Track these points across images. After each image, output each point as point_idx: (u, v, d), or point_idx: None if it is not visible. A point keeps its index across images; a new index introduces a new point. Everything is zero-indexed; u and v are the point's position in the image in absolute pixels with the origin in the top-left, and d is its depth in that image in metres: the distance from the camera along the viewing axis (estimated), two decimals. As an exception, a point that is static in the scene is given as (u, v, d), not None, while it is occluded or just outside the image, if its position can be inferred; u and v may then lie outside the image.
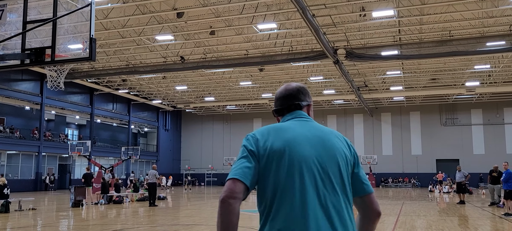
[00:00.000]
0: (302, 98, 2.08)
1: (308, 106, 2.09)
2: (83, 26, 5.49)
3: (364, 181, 1.93)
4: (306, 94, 2.10)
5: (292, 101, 2.07)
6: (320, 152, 1.85)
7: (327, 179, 1.81)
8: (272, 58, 28.19)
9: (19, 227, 11.84)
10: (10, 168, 34.43)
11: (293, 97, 2.07)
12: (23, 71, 33.38)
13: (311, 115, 2.08)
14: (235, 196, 1.75)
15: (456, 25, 23.79)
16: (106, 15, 23.09)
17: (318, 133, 1.93)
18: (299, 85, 2.13)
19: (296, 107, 2.06)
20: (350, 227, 1.80)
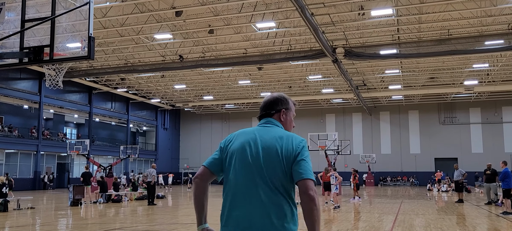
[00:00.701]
0: (274, 107, 2.56)
1: (280, 112, 2.56)
2: (81, 25, 5.48)
3: (300, 169, 2.27)
4: (280, 103, 2.57)
5: (264, 111, 2.57)
6: (262, 154, 2.33)
7: (261, 175, 2.29)
8: (270, 57, 28.18)
9: (18, 226, 11.83)
10: (9, 167, 34.36)
11: (267, 107, 2.57)
12: (22, 70, 33.32)
13: (286, 118, 2.56)
14: (200, 177, 2.51)
15: (454, 24, 23.80)
16: (104, 14, 23.05)
17: (267, 137, 2.39)
18: (275, 96, 2.61)
19: (266, 115, 2.55)
20: (281, 210, 2.25)
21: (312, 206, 2.18)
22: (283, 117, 2.56)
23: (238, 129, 19.60)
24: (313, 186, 2.24)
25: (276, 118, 2.55)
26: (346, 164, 43.13)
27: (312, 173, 2.28)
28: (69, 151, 31.30)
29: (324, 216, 14.35)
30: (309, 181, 2.23)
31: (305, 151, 2.33)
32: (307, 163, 2.28)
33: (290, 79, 36.90)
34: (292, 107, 2.64)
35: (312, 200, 2.18)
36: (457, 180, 20.80)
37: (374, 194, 28.43)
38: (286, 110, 2.58)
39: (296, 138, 2.38)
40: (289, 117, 2.59)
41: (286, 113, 2.58)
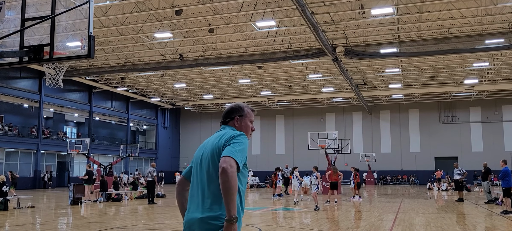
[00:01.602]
0: (229, 115, 2.94)
1: (234, 119, 2.92)
2: (81, 24, 5.48)
3: (223, 152, 2.60)
4: (234, 111, 2.94)
5: (222, 120, 2.97)
6: (205, 151, 2.78)
7: (204, 168, 2.73)
8: (271, 56, 28.18)
9: (18, 225, 11.83)
10: (9, 166, 34.38)
11: (223, 116, 2.96)
12: (22, 68, 33.31)
13: (240, 124, 2.92)
14: (178, 184, 3.10)
15: (455, 23, 23.79)
16: (104, 13, 23.04)
17: (212, 138, 2.81)
18: (230, 106, 2.98)
19: (223, 123, 2.94)
20: (217, 197, 2.60)
21: (223, 177, 2.44)
22: (237, 123, 2.92)
23: (238, 127, 18.97)
24: (229, 160, 2.49)
25: (231, 124, 2.91)
26: (346, 162, 43.13)
27: (234, 153, 2.54)
28: (69, 150, 31.29)
29: (325, 215, 14.36)
30: (226, 157, 2.51)
31: (236, 140, 2.65)
32: (232, 147, 2.58)
33: (290, 78, 36.89)
34: (248, 114, 2.97)
35: (223, 171, 2.45)
36: (457, 179, 20.80)
37: (374, 193, 28.44)
38: (240, 117, 2.93)
39: (234, 132, 2.75)
40: (244, 123, 2.93)
41: (240, 120, 2.93)
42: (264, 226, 11.20)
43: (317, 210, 15.58)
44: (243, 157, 2.62)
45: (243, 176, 2.73)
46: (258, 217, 13.67)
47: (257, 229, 10.52)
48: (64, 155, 38.85)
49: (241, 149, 2.61)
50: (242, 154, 2.61)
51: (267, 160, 48.11)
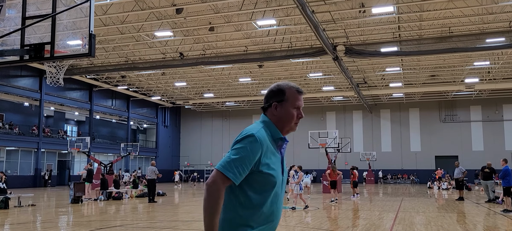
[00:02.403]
0: (267, 101, 2.32)
1: (272, 106, 2.29)
2: (82, 22, 5.48)
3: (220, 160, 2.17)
4: (272, 96, 2.30)
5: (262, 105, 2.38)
6: None
7: None
8: (271, 55, 28.17)
9: (18, 223, 11.85)
10: (9, 164, 34.42)
11: (264, 101, 2.35)
12: (22, 67, 33.31)
13: (280, 112, 2.27)
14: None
15: (455, 22, 23.77)
16: (105, 11, 23.03)
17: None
18: (269, 88, 2.35)
19: (263, 110, 2.35)
20: (224, 206, 2.15)
21: (204, 195, 2.07)
22: (276, 111, 2.26)
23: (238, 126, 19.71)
24: (216, 175, 2.06)
25: (268, 113, 2.29)
26: (347, 161, 43.13)
27: (223, 164, 2.07)
28: (70, 149, 31.34)
29: (325, 213, 14.37)
30: (215, 171, 2.09)
31: (236, 144, 2.13)
32: (229, 154, 2.12)
33: (291, 77, 36.87)
34: (291, 97, 2.27)
35: (205, 188, 2.06)
36: (457, 178, 20.80)
37: (374, 192, 28.45)
38: (279, 103, 2.26)
39: (243, 133, 2.18)
40: (283, 110, 2.26)
41: (280, 107, 2.26)
42: (264, 225, 11.19)
43: (293, 210, 15.41)
44: (237, 168, 2.05)
45: (244, 196, 2.12)
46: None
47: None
48: (65, 154, 38.88)
49: (239, 158, 2.06)
50: (236, 164, 2.05)
51: (268, 158, 48.05)
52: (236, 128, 51.98)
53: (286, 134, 2.30)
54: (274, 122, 2.26)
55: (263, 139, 2.13)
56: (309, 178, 22.96)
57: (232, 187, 2.14)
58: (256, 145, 2.09)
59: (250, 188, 2.13)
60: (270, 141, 2.19)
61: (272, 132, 2.24)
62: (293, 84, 2.31)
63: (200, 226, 11.00)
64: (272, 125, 2.25)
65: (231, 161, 2.07)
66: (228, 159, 2.08)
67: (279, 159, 2.24)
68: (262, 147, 2.11)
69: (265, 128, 2.22)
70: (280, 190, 2.24)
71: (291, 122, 2.28)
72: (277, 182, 2.18)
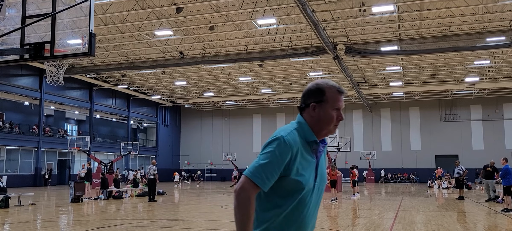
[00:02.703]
0: (304, 101, 2.18)
1: (310, 107, 2.14)
2: (82, 21, 5.48)
3: (249, 166, 2.06)
4: (310, 95, 2.16)
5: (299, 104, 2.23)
6: None
7: None
8: (271, 54, 28.16)
9: (19, 222, 11.85)
10: (10, 164, 34.43)
11: (301, 101, 2.21)
12: (22, 66, 33.31)
13: (318, 114, 2.12)
14: None
15: (456, 21, 23.75)
16: (105, 10, 23.02)
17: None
18: (307, 87, 2.20)
19: (300, 110, 2.21)
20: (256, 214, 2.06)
21: (234, 203, 1.97)
22: (314, 113, 2.12)
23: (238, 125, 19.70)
24: (244, 181, 1.97)
25: (305, 114, 2.15)
26: (347, 160, 43.13)
27: (252, 170, 1.98)
28: (70, 148, 31.34)
29: (325, 213, 14.37)
30: (243, 177, 2.00)
31: (268, 145, 2.02)
32: (257, 159, 2.02)
33: (291, 76, 36.87)
34: (331, 98, 2.11)
35: (234, 196, 1.97)
36: (457, 177, 20.80)
37: (374, 191, 28.45)
38: (318, 104, 2.11)
39: (276, 131, 2.08)
40: (322, 111, 2.10)
41: (319, 108, 2.11)
42: (264, 224, 11.20)
43: None
44: (266, 173, 1.95)
45: (267, 200, 2.03)
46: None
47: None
48: (65, 153, 38.89)
49: (267, 162, 1.97)
50: (264, 170, 1.96)
51: (268, 157, 48.06)
52: (236, 127, 51.98)
53: (323, 136, 2.15)
54: (311, 124, 2.12)
55: (293, 142, 2.00)
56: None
57: (259, 193, 2.04)
58: (285, 149, 1.98)
59: (275, 194, 2.03)
60: (302, 144, 2.05)
61: (306, 134, 2.09)
62: (333, 83, 2.16)
63: (200, 225, 11.01)
64: (307, 126, 2.11)
65: (259, 166, 1.98)
66: (257, 164, 1.99)
67: (312, 164, 2.09)
68: (292, 151, 1.99)
69: (298, 129, 2.09)
70: (310, 198, 2.07)
71: (330, 124, 2.12)
72: (306, 189, 2.03)
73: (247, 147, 50.84)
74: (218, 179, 50.09)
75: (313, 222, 2.14)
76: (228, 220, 12.09)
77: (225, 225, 11.17)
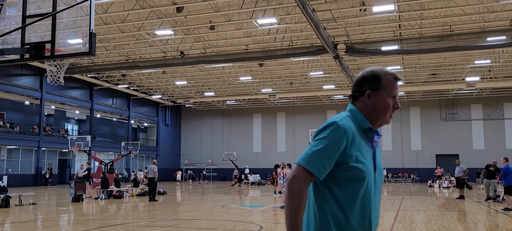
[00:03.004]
0: (357, 89, 2.05)
1: (365, 95, 2.02)
2: (82, 21, 5.48)
3: (301, 154, 1.94)
4: (365, 82, 2.03)
5: (351, 93, 2.11)
6: None
7: None
8: (272, 53, 28.15)
9: (19, 222, 11.86)
10: (10, 163, 34.45)
11: (353, 90, 2.08)
12: (23, 66, 33.32)
13: (373, 102, 2.00)
14: None
15: (456, 20, 23.74)
16: (105, 10, 23.03)
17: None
18: (361, 74, 2.07)
19: (352, 99, 2.08)
20: (309, 207, 1.96)
21: (285, 192, 1.88)
22: (370, 101, 2.00)
23: (239, 125, 19.63)
24: (296, 170, 1.86)
25: (359, 103, 2.03)
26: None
27: (304, 157, 1.87)
28: (71, 147, 31.31)
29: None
30: (295, 166, 1.89)
31: (321, 132, 1.89)
32: (310, 147, 1.89)
33: (291, 76, 36.86)
34: (387, 85, 2.00)
35: (286, 186, 1.87)
36: (458, 177, 20.79)
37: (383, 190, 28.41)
38: (374, 91, 2.00)
39: (326, 123, 1.93)
40: (378, 99, 1.99)
41: (374, 96, 2.00)
42: (265, 223, 11.21)
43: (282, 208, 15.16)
44: (320, 159, 1.84)
45: (329, 193, 1.90)
46: (259, 214, 13.69)
47: (258, 226, 10.54)
48: (66, 152, 38.91)
49: (321, 148, 1.85)
50: (318, 156, 1.84)
51: (268, 157, 48.14)
52: (237, 126, 51.98)
53: (378, 126, 2.04)
54: (365, 113, 2.00)
55: (348, 128, 1.89)
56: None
57: (316, 183, 1.93)
58: (340, 133, 1.86)
59: (335, 184, 1.89)
60: (357, 131, 1.93)
61: (359, 121, 1.98)
62: (389, 70, 2.05)
63: (201, 225, 11.01)
64: (359, 113, 1.99)
65: (312, 153, 1.85)
66: (309, 151, 1.86)
67: (370, 152, 1.96)
68: (348, 136, 1.87)
69: (351, 116, 1.98)
70: (373, 190, 1.93)
71: (386, 113, 2.02)
72: (367, 178, 1.89)
73: (247, 146, 50.85)
74: (219, 179, 50.10)
75: (377, 218, 1.97)
76: (228, 220, 12.10)
77: (225, 224, 11.17)
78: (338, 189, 1.88)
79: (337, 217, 1.87)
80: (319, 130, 1.91)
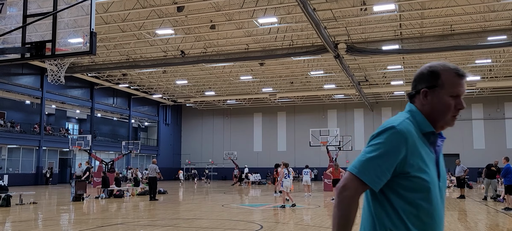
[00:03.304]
0: (415, 86, 1.86)
1: (421, 93, 1.83)
2: (83, 20, 5.48)
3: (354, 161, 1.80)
4: (421, 79, 1.84)
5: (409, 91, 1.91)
6: None
7: None
8: (272, 53, 28.14)
9: (20, 221, 11.87)
10: (11, 162, 34.48)
11: (412, 86, 1.89)
12: (24, 65, 33.34)
13: (430, 101, 1.80)
14: None
15: (457, 20, 23.72)
16: (106, 9, 23.03)
17: None
18: (419, 70, 1.89)
19: (409, 98, 1.90)
20: (363, 215, 1.83)
21: (334, 201, 1.74)
22: (426, 100, 1.81)
23: (239, 124, 19.57)
24: (348, 179, 1.70)
25: (416, 102, 1.84)
26: (348, 159, 43.12)
27: (357, 165, 1.70)
28: (71, 146, 31.37)
29: (326, 212, 14.37)
30: (347, 173, 1.73)
31: (376, 137, 1.72)
32: (363, 153, 1.72)
33: (292, 75, 36.85)
34: (447, 82, 1.79)
35: (336, 195, 1.74)
36: (458, 176, 20.78)
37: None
38: (431, 89, 1.80)
39: (386, 121, 1.77)
40: (436, 99, 1.79)
41: (431, 94, 1.80)
42: (265, 223, 11.22)
43: (282, 208, 15.11)
44: (376, 169, 1.66)
45: (388, 204, 1.71)
46: (259, 214, 13.70)
47: (258, 226, 10.54)
48: (66, 152, 38.93)
49: (376, 156, 1.67)
50: (373, 165, 1.67)
51: (269, 156, 48.14)
52: (237, 126, 51.98)
53: (440, 129, 1.83)
54: (424, 112, 1.81)
55: (408, 132, 1.70)
56: (307, 175, 22.94)
57: (374, 192, 1.75)
58: (398, 140, 1.67)
59: (394, 194, 1.70)
60: (418, 135, 1.75)
61: (420, 124, 1.78)
62: (451, 65, 1.82)
63: (201, 224, 11.02)
64: (420, 115, 1.80)
65: (367, 161, 1.67)
66: (363, 158, 1.69)
67: (433, 159, 1.77)
68: (407, 142, 1.68)
69: (411, 119, 1.79)
70: (439, 200, 1.74)
71: (446, 115, 1.81)
72: (432, 188, 1.70)
73: (248, 146, 50.85)
74: (219, 178, 50.10)
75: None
76: (229, 219, 12.10)
77: (226, 223, 11.17)
78: (398, 200, 1.70)
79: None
80: (374, 134, 1.74)
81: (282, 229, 10.36)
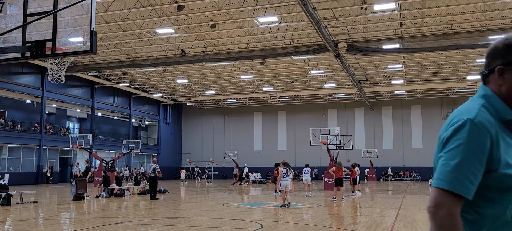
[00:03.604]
0: (487, 64, 1.58)
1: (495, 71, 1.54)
2: (83, 19, 5.48)
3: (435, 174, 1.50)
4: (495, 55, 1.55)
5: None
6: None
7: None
8: (273, 52, 28.13)
9: (21, 220, 11.88)
10: (11, 161, 34.50)
11: (484, 64, 1.60)
12: (24, 64, 33.36)
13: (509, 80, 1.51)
14: None
15: (458, 19, 23.70)
16: (106, 8, 23.02)
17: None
18: (492, 45, 1.59)
19: (483, 77, 1.60)
20: None
21: (431, 225, 1.44)
22: (501, 79, 1.52)
23: (240, 124, 19.59)
24: (437, 196, 1.42)
25: (490, 83, 1.56)
26: (348, 159, 43.13)
27: (445, 176, 1.42)
28: (72, 146, 31.40)
29: (327, 211, 14.37)
30: (434, 190, 1.45)
31: (452, 137, 1.46)
32: (445, 161, 1.44)
33: (292, 74, 36.84)
34: None
35: (430, 218, 1.43)
36: None
37: (376, 189, 28.43)
38: (507, 66, 1.51)
39: (455, 114, 1.52)
40: (503, 79, 1.52)
41: (508, 71, 1.51)
42: (266, 222, 11.22)
43: (287, 206, 15.05)
44: (466, 175, 1.41)
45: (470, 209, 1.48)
46: (260, 213, 13.70)
47: (259, 225, 10.54)
48: (67, 151, 38.95)
49: (462, 160, 1.42)
50: (463, 171, 1.41)
51: (269, 156, 48.14)
52: (238, 125, 51.98)
53: None
54: (501, 95, 1.53)
55: (488, 123, 1.45)
56: (308, 174, 22.94)
57: None
58: (481, 134, 1.43)
59: (478, 196, 1.46)
60: (498, 124, 1.49)
61: (499, 111, 1.51)
62: None
63: (202, 223, 11.02)
64: (497, 99, 1.53)
65: (452, 169, 1.41)
66: (447, 167, 1.42)
67: None
68: (491, 135, 1.44)
69: (487, 106, 1.52)
70: None
71: None
72: None
73: (248, 145, 50.87)
74: (220, 177, 50.12)
75: None
76: (229, 218, 12.11)
77: (226, 223, 11.18)
78: (484, 203, 1.47)
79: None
80: (448, 135, 1.47)
81: (283, 228, 10.36)
